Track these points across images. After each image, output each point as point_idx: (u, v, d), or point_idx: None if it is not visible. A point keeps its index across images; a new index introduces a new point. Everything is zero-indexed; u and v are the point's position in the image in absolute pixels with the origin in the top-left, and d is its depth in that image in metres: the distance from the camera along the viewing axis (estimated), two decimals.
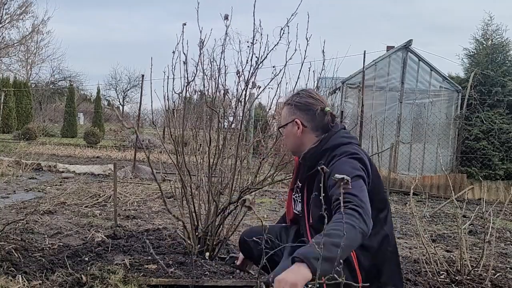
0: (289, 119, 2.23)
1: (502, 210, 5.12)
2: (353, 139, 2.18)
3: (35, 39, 32.19)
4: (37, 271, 2.84)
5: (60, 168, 9.35)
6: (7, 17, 28.37)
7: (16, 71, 31.71)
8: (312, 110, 2.18)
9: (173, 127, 3.41)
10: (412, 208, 3.68)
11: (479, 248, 4.29)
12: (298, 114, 2.20)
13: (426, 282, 3.11)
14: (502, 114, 10.02)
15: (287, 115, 2.25)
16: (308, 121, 2.19)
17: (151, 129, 21.88)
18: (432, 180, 9.53)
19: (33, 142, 15.47)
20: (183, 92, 3.31)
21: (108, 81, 43.01)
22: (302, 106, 2.20)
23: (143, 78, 10.92)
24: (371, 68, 10.23)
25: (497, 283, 3.18)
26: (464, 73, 11.12)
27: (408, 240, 4.72)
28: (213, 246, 3.28)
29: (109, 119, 35.07)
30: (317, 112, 2.17)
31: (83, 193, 6.24)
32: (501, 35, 10.65)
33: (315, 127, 2.19)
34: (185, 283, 2.75)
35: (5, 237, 3.54)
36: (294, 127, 2.21)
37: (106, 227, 4.42)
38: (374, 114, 10.06)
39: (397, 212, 6.61)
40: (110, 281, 2.66)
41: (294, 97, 2.27)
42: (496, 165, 9.82)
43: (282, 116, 2.31)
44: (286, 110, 2.27)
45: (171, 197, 6.26)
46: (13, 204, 5.43)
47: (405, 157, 10.22)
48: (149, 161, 3.57)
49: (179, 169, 3.34)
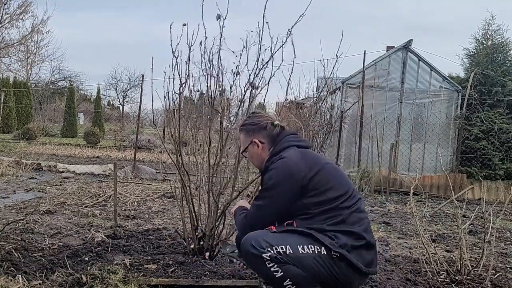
0: (247, 141, 2.49)
1: (502, 210, 5.12)
2: (298, 142, 2.42)
3: (35, 39, 32.23)
4: (37, 271, 2.84)
5: (60, 168, 9.35)
6: (7, 17, 28.39)
7: (16, 71, 31.75)
8: (263, 127, 2.44)
9: (173, 127, 3.41)
10: (412, 208, 3.68)
11: (479, 248, 4.29)
12: (253, 135, 2.46)
13: (426, 282, 3.11)
14: (502, 114, 10.02)
15: (245, 138, 2.52)
16: (263, 137, 2.44)
17: (151, 129, 21.90)
18: (432, 180, 9.53)
19: (33, 142, 15.46)
20: (182, 92, 3.31)
21: (108, 81, 43.06)
22: (254, 126, 2.46)
23: (143, 78, 10.90)
24: (371, 68, 10.23)
25: (497, 283, 3.18)
26: (464, 73, 11.11)
27: (408, 240, 4.72)
28: (213, 246, 3.28)
29: (109, 119, 35.09)
30: (268, 126, 2.43)
31: (83, 193, 6.24)
32: (502, 35, 10.65)
33: (271, 141, 2.44)
34: (185, 283, 2.75)
35: (5, 237, 3.54)
36: (254, 147, 2.46)
37: (106, 227, 4.42)
38: (374, 114, 10.05)
39: (397, 212, 6.61)
40: (110, 281, 2.66)
41: (245, 121, 2.55)
42: (496, 165, 9.81)
43: (242, 141, 2.57)
44: (242, 135, 2.54)
45: (171, 197, 6.27)
46: (13, 204, 5.43)
47: (405, 157, 10.22)
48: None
49: (179, 169, 3.34)
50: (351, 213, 2.23)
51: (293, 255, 2.09)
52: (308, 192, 2.22)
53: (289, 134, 2.44)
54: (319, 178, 2.24)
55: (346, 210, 2.23)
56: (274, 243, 2.10)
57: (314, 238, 2.14)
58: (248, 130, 2.48)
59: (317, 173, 2.25)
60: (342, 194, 2.25)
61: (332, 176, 2.29)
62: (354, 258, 2.15)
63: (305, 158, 2.30)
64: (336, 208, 2.21)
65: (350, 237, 2.18)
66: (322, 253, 2.13)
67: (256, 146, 2.44)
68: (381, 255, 3.90)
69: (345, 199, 2.25)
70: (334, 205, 2.21)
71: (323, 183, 2.24)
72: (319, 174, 2.25)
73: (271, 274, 2.10)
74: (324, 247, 2.14)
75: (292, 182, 2.21)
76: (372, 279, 3.09)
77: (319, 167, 2.27)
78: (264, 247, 2.09)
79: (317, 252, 2.12)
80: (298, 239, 2.15)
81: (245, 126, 2.51)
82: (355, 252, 2.17)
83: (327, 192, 2.23)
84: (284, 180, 2.22)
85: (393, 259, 3.78)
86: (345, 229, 2.19)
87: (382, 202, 7.60)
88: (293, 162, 2.26)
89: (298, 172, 2.22)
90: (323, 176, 2.26)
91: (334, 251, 2.13)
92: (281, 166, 2.27)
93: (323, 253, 2.13)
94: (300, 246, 2.12)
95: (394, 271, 3.38)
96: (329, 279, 2.16)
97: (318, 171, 2.25)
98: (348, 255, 2.14)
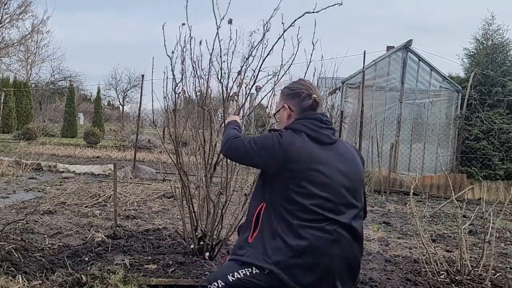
0: (280, 105, 2.35)
1: (502, 210, 5.12)
2: (313, 132, 2.15)
3: (35, 39, 32.21)
4: (37, 271, 2.84)
5: (60, 168, 9.35)
6: (7, 17, 28.36)
7: (16, 71, 31.73)
8: (298, 95, 2.26)
9: (173, 127, 3.41)
10: (412, 208, 3.68)
11: (479, 248, 4.30)
12: (287, 100, 2.31)
13: (426, 282, 3.11)
14: (502, 114, 10.02)
15: (279, 101, 2.39)
16: (294, 105, 2.27)
17: (151, 129, 21.89)
18: (432, 180, 9.53)
19: (33, 142, 15.47)
20: (177, 91, 3.31)
21: (108, 81, 43.02)
22: (291, 91, 2.31)
23: (143, 78, 10.90)
24: (371, 68, 10.23)
25: (497, 283, 3.18)
26: (464, 73, 11.12)
27: (408, 240, 4.72)
28: (213, 246, 3.28)
29: (109, 119, 35.09)
30: (302, 96, 2.25)
31: (83, 193, 6.24)
32: (502, 35, 10.65)
33: (299, 112, 2.25)
34: (185, 283, 2.75)
35: (5, 237, 3.54)
36: (284, 112, 2.31)
37: (106, 227, 4.42)
38: (374, 114, 10.06)
39: (397, 212, 6.61)
40: (110, 281, 2.66)
41: (287, 85, 2.40)
42: (496, 165, 9.81)
43: (276, 103, 2.47)
44: (279, 97, 2.41)
45: (171, 197, 6.27)
46: (13, 204, 5.43)
47: (405, 157, 10.22)
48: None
49: (179, 169, 3.34)
50: (308, 227, 2.00)
51: (225, 286, 2.08)
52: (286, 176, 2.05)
53: (313, 118, 2.19)
54: (292, 174, 2.05)
55: (305, 222, 2.00)
56: (207, 283, 2.12)
57: (245, 263, 2.07)
58: (284, 93, 2.35)
59: (297, 170, 2.05)
60: (316, 203, 2.02)
61: (318, 183, 2.05)
62: (285, 276, 1.99)
63: (297, 153, 2.08)
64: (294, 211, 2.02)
65: (288, 251, 2.00)
66: (254, 272, 2.05)
67: (285, 111, 2.30)
68: (381, 255, 3.90)
69: (315, 211, 2.01)
70: (293, 208, 2.02)
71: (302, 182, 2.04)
72: (301, 171, 2.05)
73: None
74: (254, 267, 2.04)
75: (269, 154, 2.09)
76: (372, 279, 3.09)
77: (306, 166, 2.06)
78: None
79: (248, 273, 2.07)
80: (229, 268, 2.13)
81: (284, 89, 2.39)
82: (292, 271, 2.00)
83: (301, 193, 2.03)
84: (264, 148, 2.11)
85: (393, 259, 3.78)
86: (287, 240, 2.00)
87: (382, 202, 7.60)
88: (275, 144, 2.09)
89: (273, 153, 2.08)
90: (307, 176, 2.04)
91: (266, 268, 2.02)
92: (267, 137, 2.14)
93: (255, 272, 2.05)
94: (230, 274, 2.09)
95: (394, 271, 3.38)
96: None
97: (299, 168, 2.05)
98: (280, 273, 1.99)
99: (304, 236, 2.00)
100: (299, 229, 2.01)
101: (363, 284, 2.98)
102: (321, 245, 2.00)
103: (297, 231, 2.01)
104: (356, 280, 2.20)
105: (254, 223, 2.14)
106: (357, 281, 2.54)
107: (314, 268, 2.01)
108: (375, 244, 4.37)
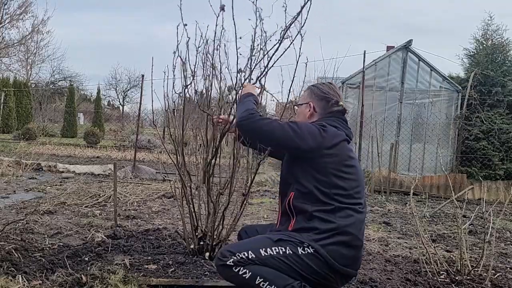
0: (306, 100, 2.48)
1: (502, 210, 5.12)
2: (342, 125, 2.37)
3: (35, 39, 32.22)
4: (37, 271, 2.84)
5: (60, 168, 9.35)
6: (7, 17, 28.38)
7: (16, 71, 31.74)
8: (327, 100, 2.42)
9: (173, 127, 3.41)
10: (412, 208, 3.67)
11: (479, 248, 4.30)
12: (314, 99, 2.45)
13: (426, 282, 3.11)
14: (502, 114, 10.02)
15: (306, 96, 2.51)
16: (319, 107, 2.43)
17: (151, 129, 21.89)
18: (432, 180, 9.53)
19: (33, 142, 15.47)
20: (179, 92, 3.31)
21: (108, 81, 43.03)
22: (321, 93, 2.44)
23: (143, 78, 10.90)
24: (371, 68, 10.23)
25: (497, 283, 3.18)
26: (464, 73, 11.11)
27: (408, 240, 4.72)
28: (213, 246, 3.28)
29: (109, 119, 35.08)
30: (331, 102, 2.41)
31: (83, 193, 6.24)
32: (501, 35, 10.65)
33: (322, 114, 2.41)
34: (185, 283, 2.75)
35: (5, 237, 3.54)
36: (307, 109, 2.45)
37: (106, 227, 4.42)
38: (374, 114, 10.06)
39: (397, 212, 6.61)
40: (110, 281, 2.66)
41: (318, 84, 2.53)
42: (496, 165, 9.81)
43: (302, 96, 2.57)
44: (307, 92, 2.52)
45: (171, 197, 6.26)
46: (13, 204, 5.43)
47: (405, 157, 10.22)
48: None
49: (179, 169, 3.34)
50: (346, 208, 2.19)
51: (255, 258, 2.10)
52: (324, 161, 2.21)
53: (342, 118, 2.42)
54: (337, 159, 2.23)
55: (343, 204, 2.20)
56: (236, 251, 2.14)
57: (281, 239, 2.14)
58: (314, 92, 2.46)
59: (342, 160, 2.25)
60: (353, 187, 2.23)
61: (352, 171, 2.27)
62: (328, 255, 2.11)
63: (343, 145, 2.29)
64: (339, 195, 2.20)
65: (332, 230, 2.15)
66: (287, 253, 2.10)
67: (308, 109, 2.44)
68: (381, 255, 3.90)
69: (351, 194, 2.23)
70: (335, 192, 2.19)
71: (339, 168, 2.22)
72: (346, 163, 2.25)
73: (241, 278, 2.11)
74: (289, 247, 2.11)
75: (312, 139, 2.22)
76: (372, 279, 3.09)
77: (346, 153, 2.28)
78: (228, 256, 2.13)
79: (281, 252, 2.11)
80: (261, 242, 2.16)
81: (314, 88, 2.49)
82: (331, 247, 2.13)
83: (340, 178, 2.21)
84: (309, 132, 2.23)
85: (393, 259, 3.77)
86: (331, 219, 2.16)
87: (382, 202, 7.60)
88: (320, 131, 2.25)
89: (319, 139, 2.21)
90: (347, 165, 2.25)
91: (306, 245, 2.12)
92: (309, 125, 2.28)
93: (288, 252, 2.11)
94: (263, 249, 2.12)
95: (394, 271, 3.38)
96: (300, 277, 2.12)
97: (345, 161, 2.25)
98: (321, 250, 2.11)
99: (342, 216, 2.17)
100: (337, 211, 2.17)
101: (363, 284, 2.98)
102: (358, 224, 2.21)
103: (334, 212, 2.17)
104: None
105: (290, 213, 2.28)
106: (356, 280, 2.60)
107: (352, 246, 2.18)
108: (375, 244, 4.37)
